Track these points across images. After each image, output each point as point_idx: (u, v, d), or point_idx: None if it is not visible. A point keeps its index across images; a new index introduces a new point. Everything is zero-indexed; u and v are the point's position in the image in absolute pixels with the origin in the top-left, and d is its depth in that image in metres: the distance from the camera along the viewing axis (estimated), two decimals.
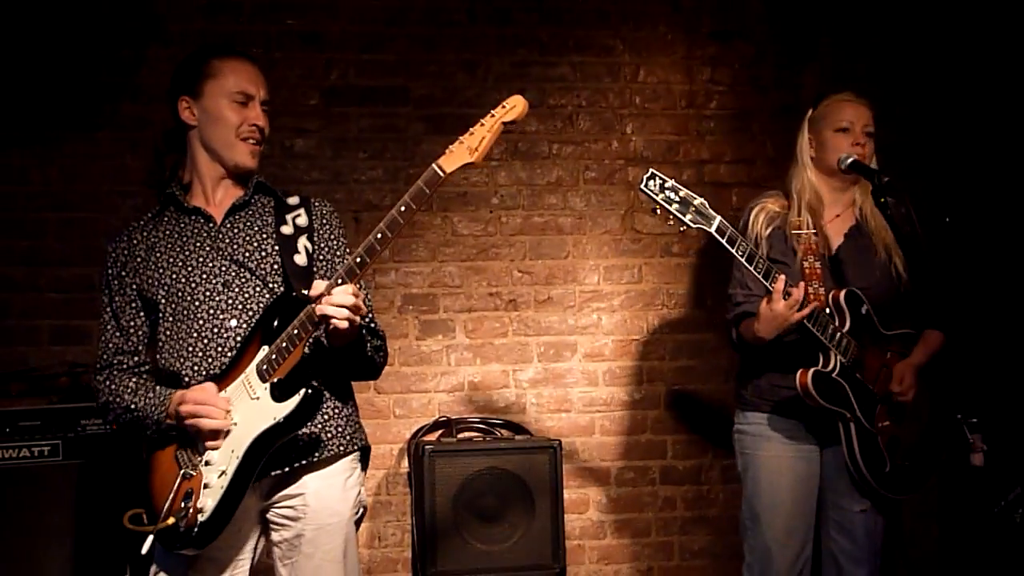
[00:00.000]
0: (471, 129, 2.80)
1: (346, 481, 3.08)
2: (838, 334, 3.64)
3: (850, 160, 3.71)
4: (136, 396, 3.01)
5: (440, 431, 4.98)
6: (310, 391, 2.88)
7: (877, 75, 5.31)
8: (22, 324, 4.79)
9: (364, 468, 3.20)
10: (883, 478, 3.74)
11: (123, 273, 3.07)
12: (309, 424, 2.95)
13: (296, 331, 2.85)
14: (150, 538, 2.90)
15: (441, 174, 2.80)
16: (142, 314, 3.08)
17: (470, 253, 5.13)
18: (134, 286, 3.06)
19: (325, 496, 3.03)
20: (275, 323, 2.92)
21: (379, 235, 2.80)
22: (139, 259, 3.06)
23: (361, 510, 3.15)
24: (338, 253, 3.17)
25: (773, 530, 3.84)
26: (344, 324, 2.80)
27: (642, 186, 3.42)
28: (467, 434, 4.98)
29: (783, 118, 5.27)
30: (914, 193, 3.74)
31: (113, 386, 3.06)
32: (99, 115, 4.82)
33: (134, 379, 3.07)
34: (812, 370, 3.64)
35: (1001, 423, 4.00)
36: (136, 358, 3.09)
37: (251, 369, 2.92)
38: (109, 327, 3.11)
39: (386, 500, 5.03)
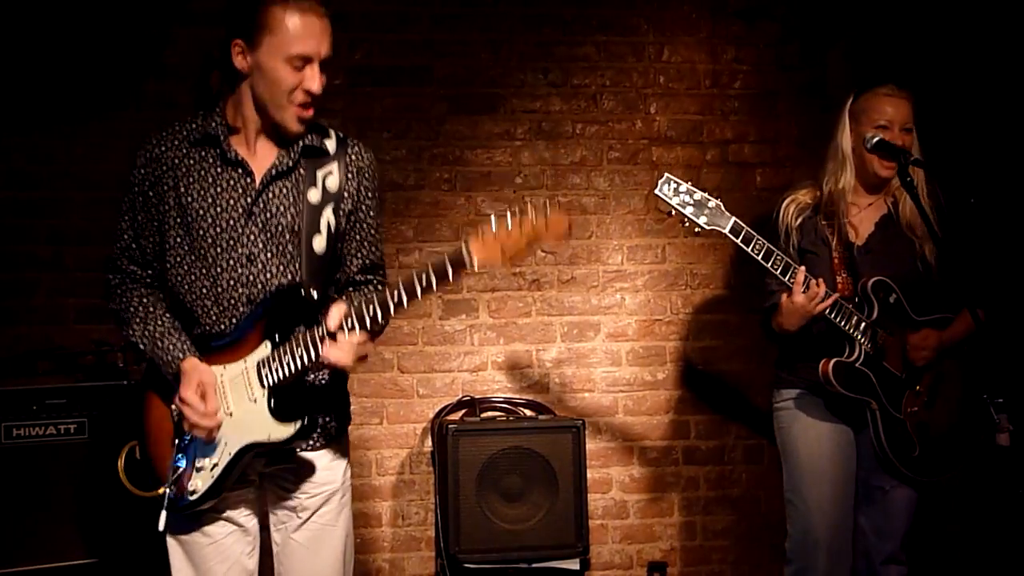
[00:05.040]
0: (510, 223, 2.62)
1: (335, 451, 3.12)
2: (863, 323, 3.69)
3: (875, 140, 3.71)
4: (145, 333, 2.99)
5: (463, 410, 4.98)
6: (306, 422, 2.89)
7: (903, 54, 5.26)
8: (48, 303, 4.82)
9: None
10: (912, 462, 3.78)
11: (151, 193, 2.97)
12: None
13: (301, 353, 2.84)
14: (164, 514, 2.94)
15: (469, 268, 2.66)
16: (159, 236, 3.01)
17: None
18: (158, 212, 2.98)
19: (319, 468, 3.07)
20: (281, 319, 2.91)
21: (396, 297, 2.74)
22: (167, 187, 2.95)
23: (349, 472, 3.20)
24: (365, 221, 3.09)
25: (817, 498, 3.86)
26: (348, 366, 2.86)
27: (657, 191, 3.53)
28: (490, 413, 4.98)
29: (808, 98, 5.26)
30: (941, 173, 3.73)
31: (124, 299, 3.06)
32: (124, 95, 4.83)
33: (144, 298, 3.05)
34: (833, 360, 3.70)
35: None
36: (149, 271, 3.06)
37: (251, 363, 2.91)
38: (127, 235, 3.04)
39: (409, 479, 5.05)
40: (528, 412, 5.02)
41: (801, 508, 3.90)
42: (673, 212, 3.54)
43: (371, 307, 2.76)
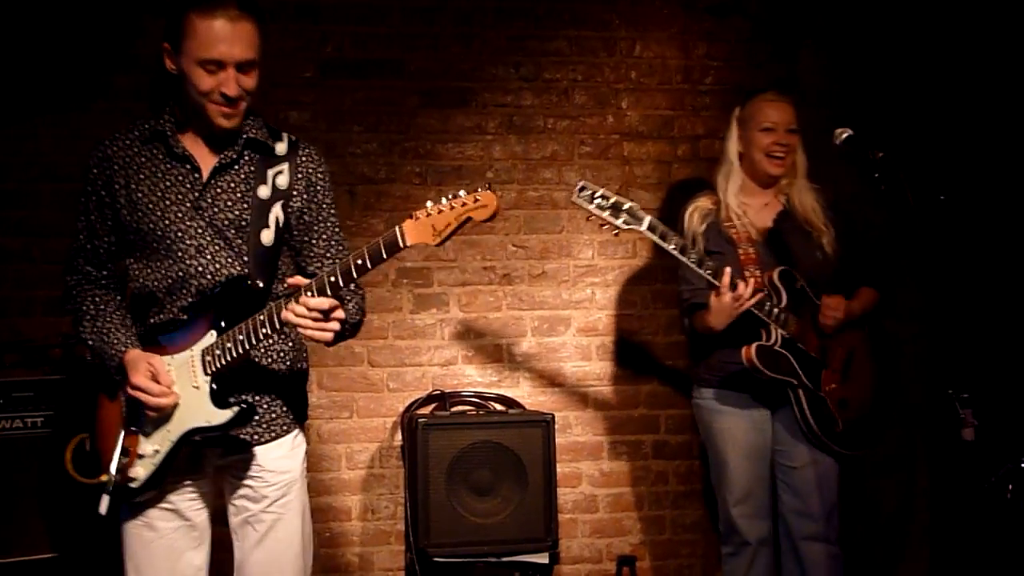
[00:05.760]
0: (440, 205, 2.76)
1: (293, 440, 3.17)
2: (775, 310, 3.93)
3: (845, 136, 3.74)
4: (94, 329, 3.08)
5: (433, 404, 4.98)
6: (244, 407, 2.95)
7: (873, 52, 5.30)
8: (16, 295, 4.78)
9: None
10: (836, 436, 4.03)
11: (103, 192, 3.05)
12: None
13: (243, 339, 2.90)
14: (105, 498, 2.98)
15: (402, 245, 2.78)
16: (114, 236, 3.10)
17: (464, 227, 5.10)
18: (111, 210, 3.06)
19: (273, 458, 3.11)
20: (227, 310, 2.96)
21: (331, 278, 2.82)
22: (118, 185, 3.03)
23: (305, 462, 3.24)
24: (328, 220, 3.20)
25: (732, 495, 4.17)
26: (318, 336, 2.88)
27: (574, 197, 3.77)
28: (460, 408, 4.98)
29: None
30: (909, 169, 3.75)
31: (79, 300, 3.14)
32: (93, 86, 4.80)
33: (96, 298, 3.12)
34: (755, 344, 3.94)
35: (992, 398, 4.03)
36: (104, 271, 3.15)
37: (197, 351, 2.97)
38: (83, 236, 3.12)
39: (379, 473, 5.04)
40: (498, 406, 5.02)
41: (722, 502, 4.22)
42: (591, 216, 3.77)
43: (308, 291, 2.84)
